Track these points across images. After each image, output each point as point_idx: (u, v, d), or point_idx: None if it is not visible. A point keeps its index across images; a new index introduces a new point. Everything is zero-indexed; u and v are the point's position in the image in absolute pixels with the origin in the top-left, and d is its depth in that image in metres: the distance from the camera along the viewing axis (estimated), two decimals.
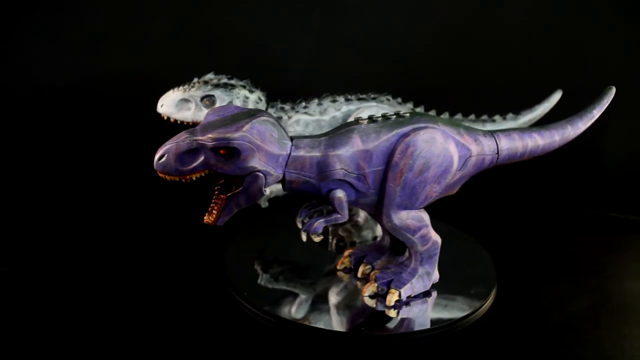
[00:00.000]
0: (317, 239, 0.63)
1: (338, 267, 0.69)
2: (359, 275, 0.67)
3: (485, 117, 0.80)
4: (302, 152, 0.57)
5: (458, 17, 1.03)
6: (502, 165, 0.65)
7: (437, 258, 0.64)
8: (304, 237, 0.61)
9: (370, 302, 0.63)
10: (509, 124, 0.79)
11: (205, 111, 0.68)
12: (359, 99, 0.73)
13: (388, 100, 0.75)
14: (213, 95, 0.69)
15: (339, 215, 0.59)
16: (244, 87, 0.70)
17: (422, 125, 0.58)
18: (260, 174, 0.55)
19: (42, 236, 0.79)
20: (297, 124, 0.71)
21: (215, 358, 0.58)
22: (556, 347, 0.61)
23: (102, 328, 0.61)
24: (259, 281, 0.67)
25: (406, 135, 0.58)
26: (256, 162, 0.54)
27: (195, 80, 0.71)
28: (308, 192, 0.59)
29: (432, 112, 0.77)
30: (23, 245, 0.77)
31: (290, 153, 0.57)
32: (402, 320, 0.61)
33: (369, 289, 0.64)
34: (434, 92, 0.95)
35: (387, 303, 0.62)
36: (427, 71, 1.04)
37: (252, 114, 0.55)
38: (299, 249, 0.72)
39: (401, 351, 0.59)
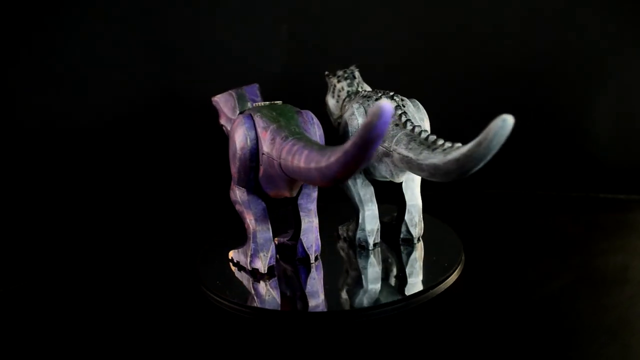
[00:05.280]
0: None
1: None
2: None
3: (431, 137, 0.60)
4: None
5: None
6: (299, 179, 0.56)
7: (252, 244, 0.66)
8: None
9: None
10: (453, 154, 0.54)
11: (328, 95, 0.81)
12: (377, 98, 0.70)
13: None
14: (327, 83, 0.81)
15: None
16: (337, 77, 0.79)
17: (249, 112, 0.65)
18: (224, 127, 0.75)
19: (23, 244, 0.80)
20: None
21: (188, 346, 0.58)
22: (535, 322, 0.60)
23: (81, 327, 0.62)
24: (228, 277, 0.69)
25: None
26: (222, 119, 0.75)
27: None
28: None
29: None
30: None
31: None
32: (369, 296, 0.62)
33: None
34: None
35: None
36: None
37: (234, 90, 0.75)
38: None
39: (365, 326, 0.59)
